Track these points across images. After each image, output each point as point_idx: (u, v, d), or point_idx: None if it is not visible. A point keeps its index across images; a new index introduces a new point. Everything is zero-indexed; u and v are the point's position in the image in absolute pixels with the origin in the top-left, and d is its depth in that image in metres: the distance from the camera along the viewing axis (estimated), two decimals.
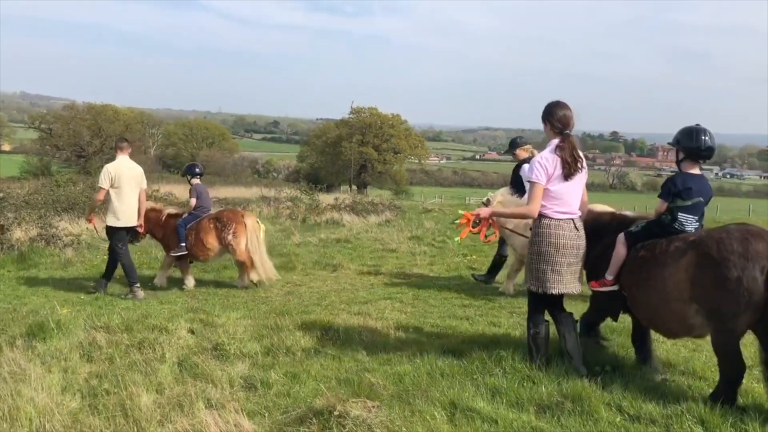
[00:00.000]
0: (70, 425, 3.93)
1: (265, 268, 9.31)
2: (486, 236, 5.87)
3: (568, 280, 4.77)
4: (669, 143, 4.87)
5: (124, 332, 5.83)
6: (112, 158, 9.03)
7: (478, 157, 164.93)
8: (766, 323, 4.09)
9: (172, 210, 9.95)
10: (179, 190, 28.57)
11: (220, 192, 30.03)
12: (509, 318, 6.83)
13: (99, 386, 4.62)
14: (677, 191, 4.62)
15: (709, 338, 4.38)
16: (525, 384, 4.50)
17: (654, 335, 5.06)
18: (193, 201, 9.56)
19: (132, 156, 9.12)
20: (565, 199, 4.73)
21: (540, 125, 4.95)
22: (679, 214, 4.61)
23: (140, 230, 9.20)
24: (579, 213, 4.84)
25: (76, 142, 57.54)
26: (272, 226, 15.74)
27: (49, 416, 3.96)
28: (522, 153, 8.93)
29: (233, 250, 9.23)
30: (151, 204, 9.79)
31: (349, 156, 64.79)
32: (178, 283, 9.44)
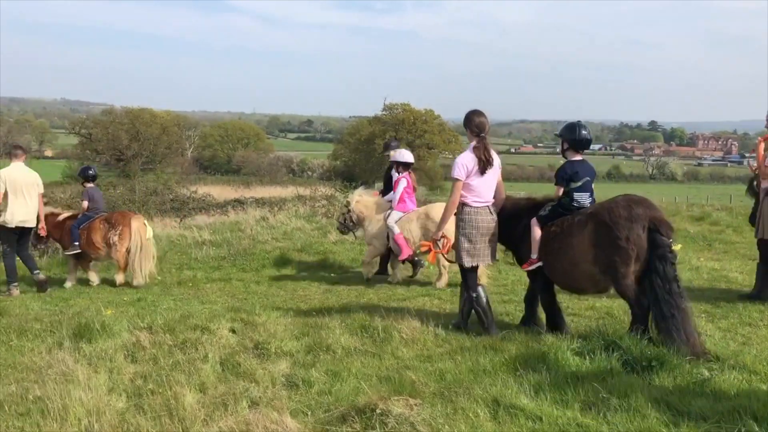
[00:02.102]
0: (117, 425, 3.99)
1: (143, 268, 10.05)
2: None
3: (485, 254, 5.91)
4: (555, 134, 5.96)
5: (167, 333, 5.89)
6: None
7: (513, 150, 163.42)
8: (645, 270, 5.15)
9: (68, 213, 10.93)
10: (217, 191, 28.98)
11: (258, 192, 30.27)
12: None
13: (144, 386, 4.69)
14: (568, 176, 5.65)
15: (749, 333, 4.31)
16: (569, 380, 4.41)
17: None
18: (85, 204, 10.39)
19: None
20: (481, 190, 5.81)
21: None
22: (574, 194, 5.62)
23: (42, 233, 9.98)
24: (493, 201, 5.94)
25: (115, 146, 58.66)
26: (308, 225, 15.83)
27: (98, 416, 4.03)
28: (394, 153, 9.47)
29: (115, 250, 9.99)
30: (50, 208, 10.90)
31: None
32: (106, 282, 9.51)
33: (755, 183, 7.56)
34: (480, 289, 5.98)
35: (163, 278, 10.51)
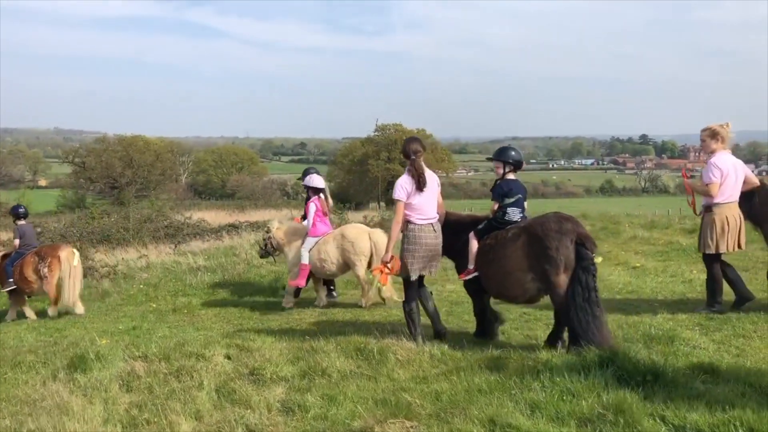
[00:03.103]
0: None
1: (72, 294, 10.31)
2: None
3: (429, 267, 6.37)
4: (487, 158, 6.60)
5: (162, 361, 5.88)
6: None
7: None
8: (574, 282, 5.62)
9: (3, 251, 11.41)
10: (211, 216, 28.94)
11: (252, 216, 30.26)
12: (545, 330, 6.73)
13: (139, 416, 4.68)
14: (504, 193, 6.21)
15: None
16: (565, 397, 4.42)
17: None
18: (17, 242, 10.75)
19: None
20: (423, 208, 6.25)
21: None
22: (508, 209, 6.19)
23: None
24: (436, 217, 6.38)
25: (109, 174, 58.64)
26: None
27: None
28: (307, 178, 9.81)
29: (46, 282, 10.25)
30: None
31: (376, 173, 64.84)
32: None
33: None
34: (414, 304, 6.42)
35: (158, 306, 10.48)
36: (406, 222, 6.28)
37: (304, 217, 10.01)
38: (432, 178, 6.34)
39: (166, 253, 16.66)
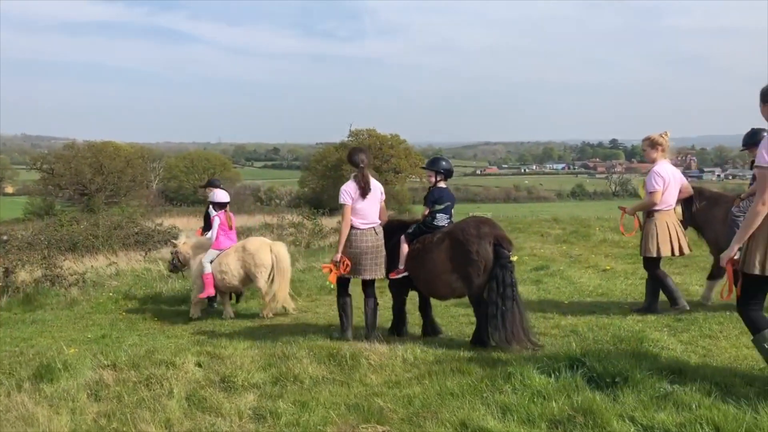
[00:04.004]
0: None
1: None
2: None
3: (372, 270, 6.82)
4: (422, 167, 7.50)
5: (132, 369, 5.79)
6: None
7: (478, 172, 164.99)
8: (492, 279, 6.16)
9: None
10: (183, 223, 28.67)
11: None
12: None
13: (108, 426, 4.60)
14: (435, 199, 6.67)
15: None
16: (536, 399, 4.45)
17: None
18: None
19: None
20: (365, 213, 6.78)
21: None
22: (437, 215, 6.67)
23: None
24: (378, 222, 6.90)
25: (78, 180, 57.70)
26: None
27: None
28: (210, 192, 10.17)
29: None
30: None
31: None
32: None
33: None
34: (347, 298, 7.05)
35: (128, 314, 10.34)
36: (351, 227, 6.76)
37: (207, 228, 10.33)
38: (376, 186, 6.89)
39: (137, 261, 16.45)
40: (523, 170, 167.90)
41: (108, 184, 55.83)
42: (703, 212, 7.81)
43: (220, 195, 9.90)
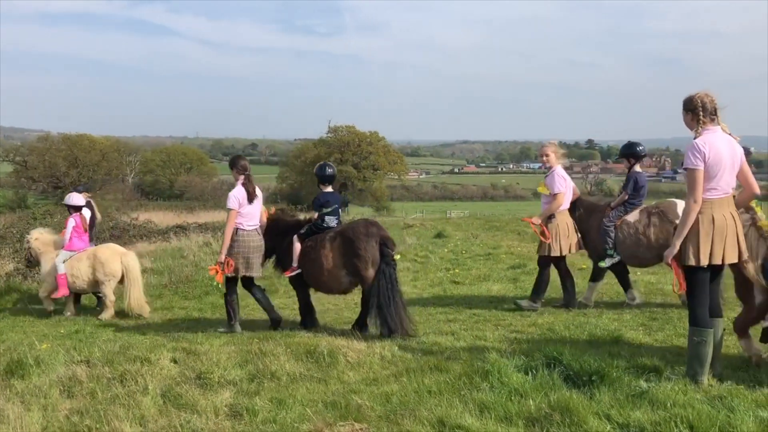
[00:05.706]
0: None
1: None
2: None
3: (258, 268, 7.59)
4: (315, 173, 7.42)
5: (106, 365, 5.71)
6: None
7: (457, 170, 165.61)
8: (380, 274, 6.83)
9: None
10: (158, 217, 28.36)
11: (201, 217, 29.69)
12: (494, 331, 6.82)
13: (80, 422, 4.52)
14: (321, 203, 7.26)
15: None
16: (513, 398, 4.47)
17: None
18: None
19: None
20: (252, 216, 7.49)
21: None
22: (326, 217, 7.26)
23: None
24: (260, 224, 7.61)
25: (53, 173, 56.87)
26: None
27: None
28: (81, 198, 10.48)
29: None
30: None
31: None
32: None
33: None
34: (235, 296, 7.68)
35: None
36: (236, 229, 7.39)
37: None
38: (259, 191, 7.59)
39: None
40: (500, 169, 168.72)
41: (83, 178, 55.06)
42: (581, 221, 8.28)
43: (75, 198, 10.33)
